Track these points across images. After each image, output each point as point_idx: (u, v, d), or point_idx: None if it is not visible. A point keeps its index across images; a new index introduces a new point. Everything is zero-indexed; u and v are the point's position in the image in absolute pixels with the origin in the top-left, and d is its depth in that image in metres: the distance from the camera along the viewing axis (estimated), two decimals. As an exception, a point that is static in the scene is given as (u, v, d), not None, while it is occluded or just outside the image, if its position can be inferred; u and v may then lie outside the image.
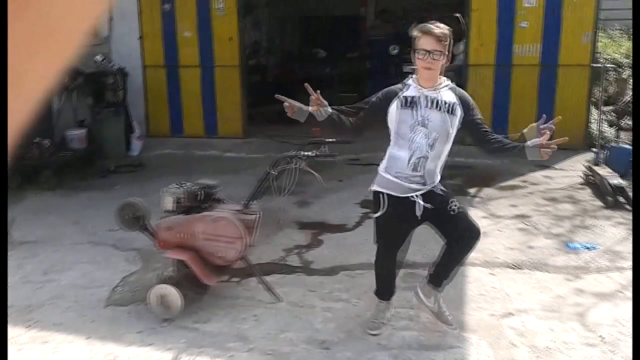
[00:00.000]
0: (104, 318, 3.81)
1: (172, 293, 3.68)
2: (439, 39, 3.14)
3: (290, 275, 4.46)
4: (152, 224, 3.90)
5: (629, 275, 4.32)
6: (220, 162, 7.92)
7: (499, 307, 3.90)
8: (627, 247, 4.80)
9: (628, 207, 5.66)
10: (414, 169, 3.30)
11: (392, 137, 3.38)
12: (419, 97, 3.26)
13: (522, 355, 3.36)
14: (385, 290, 3.70)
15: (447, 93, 3.28)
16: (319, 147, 4.13)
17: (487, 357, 3.35)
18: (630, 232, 5.13)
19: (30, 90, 0.26)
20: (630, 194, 5.82)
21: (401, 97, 3.29)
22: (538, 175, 6.94)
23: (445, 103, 3.25)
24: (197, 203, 3.88)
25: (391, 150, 3.39)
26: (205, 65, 8.96)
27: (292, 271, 4.52)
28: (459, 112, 3.27)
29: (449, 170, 3.86)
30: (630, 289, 4.10)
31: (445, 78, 3.35)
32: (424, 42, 3.17)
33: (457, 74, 9.64)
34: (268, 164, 4.08)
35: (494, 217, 5.60)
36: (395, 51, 11.46)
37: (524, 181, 6.73)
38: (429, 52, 3.15)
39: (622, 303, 3.91)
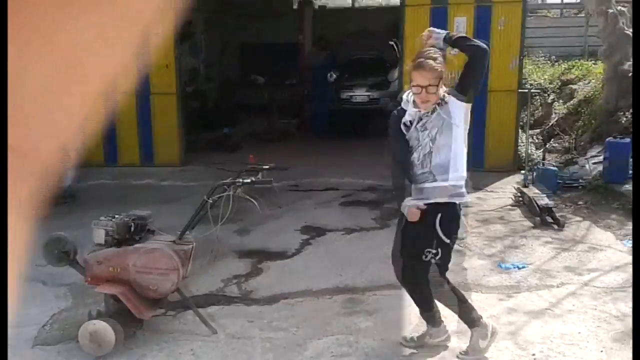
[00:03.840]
0: (35, 358, 3.63)
1: (104, 329, 3.56)
2: (433, 73, 3.23)
3: (228, 305, 4.40)
4: (82, 258, 3.78)
5: (557, 292, 4.49)
6: (157, 191, 7.77)
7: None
8: (555, 265, 5.00)
9: (555, 226, 5.90)
10: (422, 166, 3.38)
11: None
12: (414, 119, 3.40)
13: (458, 376, 3.42)
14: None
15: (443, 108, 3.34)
16: (256, 174, 4.13)
17: (425, 380, 3.40)
18: (558, 251, 5.34)
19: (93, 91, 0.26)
20: (558, 213, 6.09)
21: (402, 123, 3.45)
22: (471, 197, 7.15)
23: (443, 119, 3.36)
24: (129, 235, 3.78)
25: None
26: (141, 93, 8.82)
27: (231, 302, 4.47)
28: (456, 105, 3.32)
29: (383, 193, 3.93)
30: (560, 306, 4.27)
31: (441, 94, 3.36)
32: (417, 78, 3.26)
33: (393, 99, 9.90)
34: (205, 192, 4.04)
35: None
36: (333, 77, 11.65)
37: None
38: (423, 87, 3.25)
39: (551, 320, 4.06)
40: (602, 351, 3.63)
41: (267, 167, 4.23)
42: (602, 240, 5.58)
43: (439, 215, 3.39)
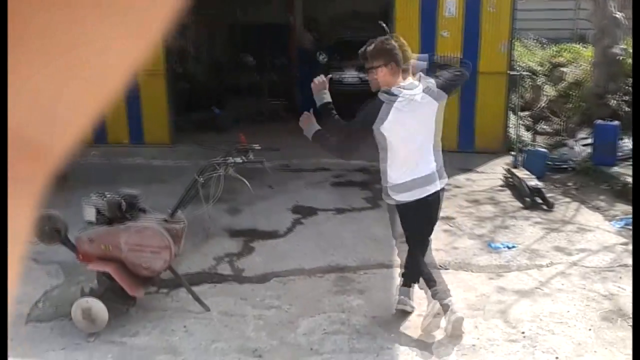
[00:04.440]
0: (25, 335, 3.62)
1: (97, 306, 3.56)
2: (369, 57, 3.55)
3: (221, 284, 4.41)
4: (73, 237, 3.76)
5: (546, 272, 4.55)
6: (147, 170, 7.72)
7: (426, 307, 4.00)
8: (544, 246, 5.06)
9: (544, 207, 5.96)
10: None
11: None
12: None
13: (447, 352, 3.47)
14: None
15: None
16: (247, 154, 4.12)
17: (416, 357, 3.44)
18: (547, 231, 5.41)
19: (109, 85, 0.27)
20: (547, 194, 6.14)
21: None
22: (461, 178, 7.20)
23: None
24: (120, 213, 3.76)
25: None
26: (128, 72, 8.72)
27: (223, 280, 4.48)
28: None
29: (374, 174, 3.96)
30: (549, 285, 4.33)
31: (402, 84, 3.54)
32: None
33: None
34: (195, 171, 4.02)
35: (421, 220, 5.75)
36: (323, 58, 11.58)
37: (448, 184, 6.93)
38: (369, 68, 3.60)
39: (540, 299, 4.11)
40: (590, 329, 3.69)
41: (257, 146, 4.21)
42: (590, 220, 5.64)
43: None
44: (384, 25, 9.27)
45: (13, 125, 0.25)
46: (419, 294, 3.93)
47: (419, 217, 3.69)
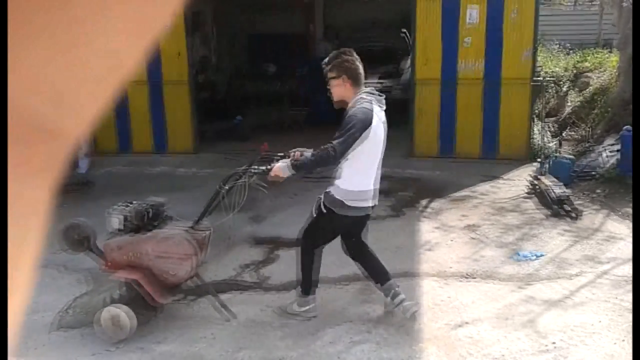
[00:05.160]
0: (54, 342, 3.66)
1: (124, 313, 3.58)
2: (328, 69, 3.68)
3: (246, 292, 4.42)
4: (99, 245, 3.79)
5: (575, 281, 4.47)
6: (171, 178, 7.79)
7: (453, 317, 3.96)
8: (573, 254, 4.97)
9: (572, 215, 5.87)
10: None
11: None
12: None
13: (477, 363, 3.42)
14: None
15: (348, 110, 3.62)
16: (270, 162, 4.10)
17: (444, 367, 3.40)
18: (575, 240, 5.32)
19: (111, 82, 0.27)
20: (574, 203, 6.05)
21: None
22: (486, 186, 7.13)
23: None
24: (146, 221, 3.80)
25: None
26: (153, 81, 8.83)
27: (248, 288, 4.48)
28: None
29: (398, 183, 3.94)
30: (578, 295, 4.25)
31: (361, 93, 3.64)
32: None
33: (405, 88, 9.86)
34: (219, 180, 4.04)
35: (445, 228, 5.71)
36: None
37: (472, 192, 6.90)
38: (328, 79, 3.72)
39: (570, 309, 4.04)
40: (623, 340, 3.61)
41: (280, 154, 4.20)
42: (618, 230, 5.54)
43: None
44: (406, 33, 9.25)
45: (26, 108, 0.25)
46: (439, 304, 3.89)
47: (348, 227, 3.83)
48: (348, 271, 4.70)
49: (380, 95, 3.70)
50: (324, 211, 3.71)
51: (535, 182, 6.70)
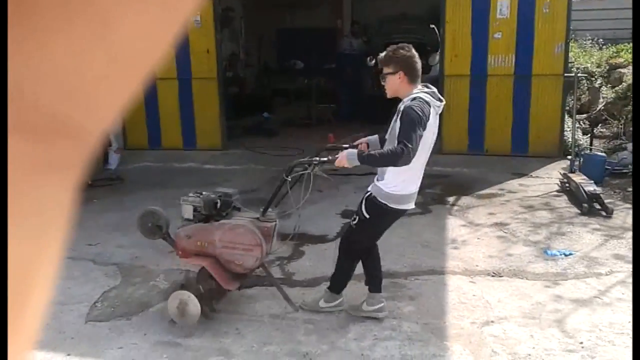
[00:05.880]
0: (84, 334, 3.75)
1: (192, 302, 3.66)
2: (382, 63, 3.57)
3: (272, 287, 4.43)
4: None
5: (606, 280, 4.39)
6: (200, 173, 7.88)
7: (480, 314, 3.93)
8: (603, 253, 4.89)
9: (603, 213, 5.76)
10: None
11: None
12: (397, 110, 3.55)
13: (503, 362, 3.39)
14: None
15: (404, 104, 3.48)
16: (335, 153, 4.07)
17: (470, 365, 3.38)
18: (606, 238, 5.22)
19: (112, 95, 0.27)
20: (606, 200, 5.93)
21: None
22: (515, 183, 7.04)
23: (398, 113, 3.49)
24: (215, 211, 3.87)
25: None
26: (182, 78, 8.93)
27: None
28: (398, 121, 3.46)
29: (427, 179, 3.92)
30: (608, 294, 4.17)
31: (420, 90, 3.51)
32: None
33: (434, 84, 9.78)
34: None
35: (473, 225, 5.66)
36: (372, 62, 11.54)
37: (501, 189, 6.82)
38: (381, 75, 3.62)
39: (599, 308, 3.97)
40: (653, 341, 3.54)
41: (346, 146, 4.16)
42: (652, 228, 5.41)
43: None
44: (435, 28, 9.16)
45: (47, 104, 0.25)
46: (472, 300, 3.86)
47: (386, 227, 3.79)
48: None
49: (440, 100, 3.56)
50: (373, 210, 3.62)
51: (566, 179, 6.59)
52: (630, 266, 4.62)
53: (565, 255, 4.85)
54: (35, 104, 0.24)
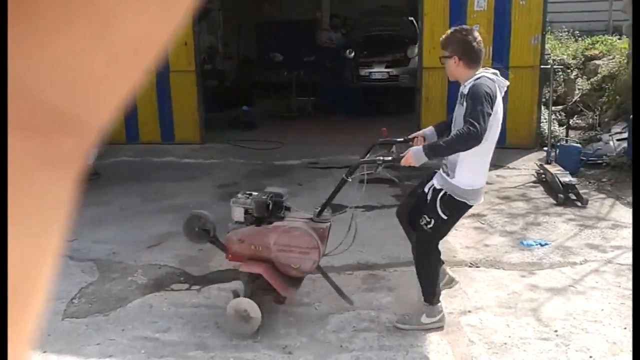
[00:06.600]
0: (61, 331, 3.72)
1: (252, 307, 3.55)
2: (441, 46, 3.47)
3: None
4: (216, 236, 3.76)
5: (580, 269, 4.47)
6: (179, 168, 7.83)
7: (457, 304, 3.98)
8: (578, 243, 4.97)
9: (578, 204, 5.86)
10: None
11: None
12: (460, 91, 3.47)
13: (480, 351, 3.44)
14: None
15: (468, 86, 3.34)
16: (390, 148, 4.01)
17: (447, 355, 3.42)
18: (581, 228, 5.31)
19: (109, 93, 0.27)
20: (581, 190, 6.03)
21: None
22: (492, 174, 7.10)
23: (463, 96, 3.39)
24: (267, 213, 3.66)
25: None
26: (159, 71, 8.84)
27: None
28: (464, 104, 3.33)
29: (406, 170, 3.93)
30: (582, 283, 4.25)
31: (483, 72, 3.40)
32: None
33: (413, 76, 9.82)
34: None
35: (451, 217, 5.70)
36: (352, 54, 11.56)
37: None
38: (440, 57, 3.52)
39: (574, 297, 4.04)
40: (625, 328, 3.62)
41: (400, 139, 4.08)
42: (625, 217, 5.52)
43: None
44: (413, 21, 9.17)
45: (46, 100, 0.25)
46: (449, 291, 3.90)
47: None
48: (352, 260, 4.73)
49: (504, 81, 3.43)
50: (450, 208, 3.47)
51: (542, 170, 6.68)
52: (604, 255, 4.71)
53: (541, 245, 4.93)
54: (36, 102, 0.25)
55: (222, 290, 4.23)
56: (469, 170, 3.40)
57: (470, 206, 3.57)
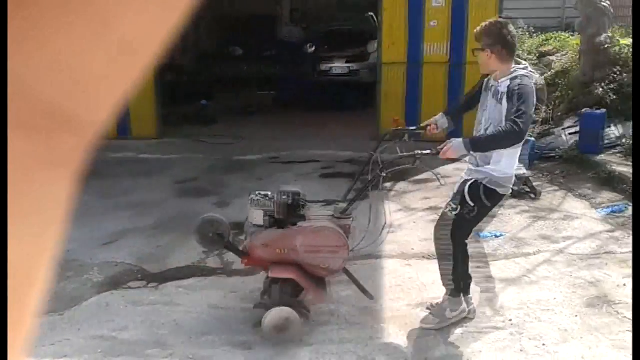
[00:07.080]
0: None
1: (293, 315, 3.43)
2: (475, 38, 3.45)
3: (210, 277, 4.42)
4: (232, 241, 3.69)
5: (533, 260, 4.59)
6: (136, 164, 7.69)
7: (415, 296, 4.04)
8: (531, 234, 5.10)
9: (532, 196, 6.01)
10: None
11: None
12: (492, 86, 3.46)
13: (436, 342, 3.50)
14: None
15: (505, 84, 3.34)
16: (402, 137, 3.93)
17: (404, 346, 3.47)
18: (534, 219, 5.45)
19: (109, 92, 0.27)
20: (534, 183, 6.18)
21: (486, 80, 3.54)
22: (449, 168, 7.20)
23: (499, 93, 3.38)
24: (288, 214, 3.53)
25: None
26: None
27: (212, 273, 4.48)
28: (504, 102, 3.34)
29: (361, 166, 3.96)
30: (535, 273, 4.37)
31: (517, 69, 3.40)
32: None
33: (373, 71, 9.89)
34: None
35: (408, 210, 5.79)
36: (312, 49, 11.56)
37: (437, 173, 6.97)
38: (473, 50, 3.52)
39: (527, 287, 4.16)
40: (576, 316, 3.74)
41: (413, 128, 4.03)
42: (576, 208, 5.70)
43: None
44: (372, 16, 9.22)
45: (45, 98, 0.25)
46: (397, 282, 3.95)
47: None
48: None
49: (537, 77, 3.47)
50: (483, 197, 3.46)
51: (498, 163, 6.81)
52: (556, 245, 4.85)
53: (496, 236, 5.04)
54: (36, 102, 0.25)
55: (180, 287, 4.19)
56: (509, 157, 3.45)
57: (502, 196, 3.58)
